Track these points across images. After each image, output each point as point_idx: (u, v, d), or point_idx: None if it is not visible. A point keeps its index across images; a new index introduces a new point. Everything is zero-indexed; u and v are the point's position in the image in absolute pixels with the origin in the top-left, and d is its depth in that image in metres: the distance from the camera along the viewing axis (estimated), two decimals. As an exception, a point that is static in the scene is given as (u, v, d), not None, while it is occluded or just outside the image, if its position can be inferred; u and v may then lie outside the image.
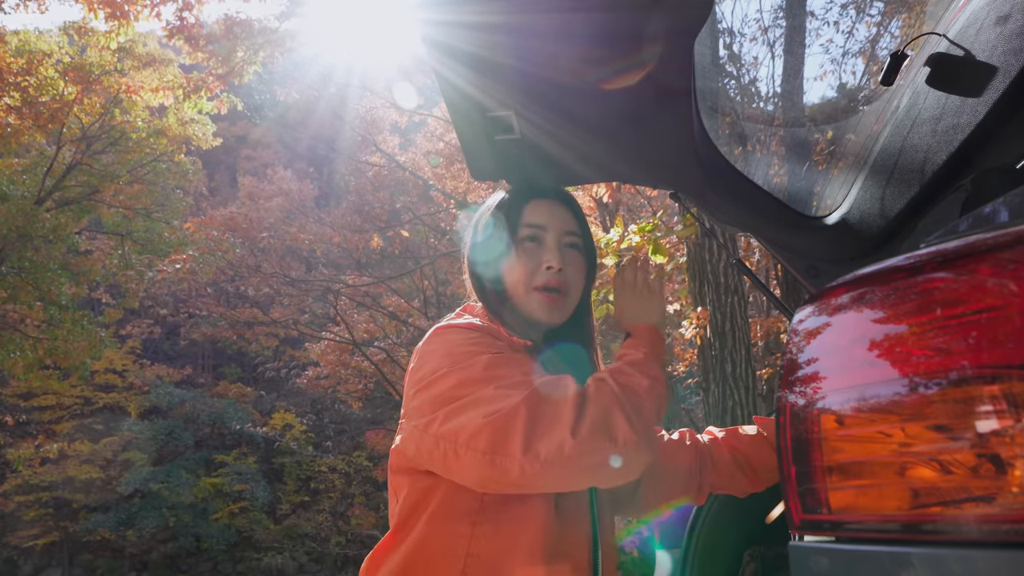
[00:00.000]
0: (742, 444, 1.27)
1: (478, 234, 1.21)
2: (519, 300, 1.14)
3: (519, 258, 1.14)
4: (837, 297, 0.65)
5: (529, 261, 1.13)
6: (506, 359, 0.97)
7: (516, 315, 1.15)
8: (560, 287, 1.13)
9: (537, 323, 1.15)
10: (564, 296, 1.14)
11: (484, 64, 1.05)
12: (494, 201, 1.23)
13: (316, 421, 19.79)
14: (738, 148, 1.75)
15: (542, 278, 1.12)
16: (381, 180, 14.63)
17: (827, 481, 0.62)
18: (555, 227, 1.16)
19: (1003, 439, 0.51)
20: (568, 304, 1.15)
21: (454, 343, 1.00)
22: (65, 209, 12.00)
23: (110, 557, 15.83)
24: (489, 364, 0.95)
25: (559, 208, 1.18)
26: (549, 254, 1.13)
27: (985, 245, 0.55)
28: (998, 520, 0.51)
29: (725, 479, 1.26)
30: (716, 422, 4.72)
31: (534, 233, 1.15)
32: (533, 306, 1.13)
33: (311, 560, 16.82)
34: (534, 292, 1.12)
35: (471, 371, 0.95)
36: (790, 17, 1.91)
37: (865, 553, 0.58)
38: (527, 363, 0.99)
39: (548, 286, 1.12)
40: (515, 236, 1.15)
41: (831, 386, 0.63)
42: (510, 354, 1.00)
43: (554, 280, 1.12)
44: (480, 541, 0.96)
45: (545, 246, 1.15)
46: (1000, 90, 1.01)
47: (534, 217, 1.16)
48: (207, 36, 8.14)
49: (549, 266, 1.12)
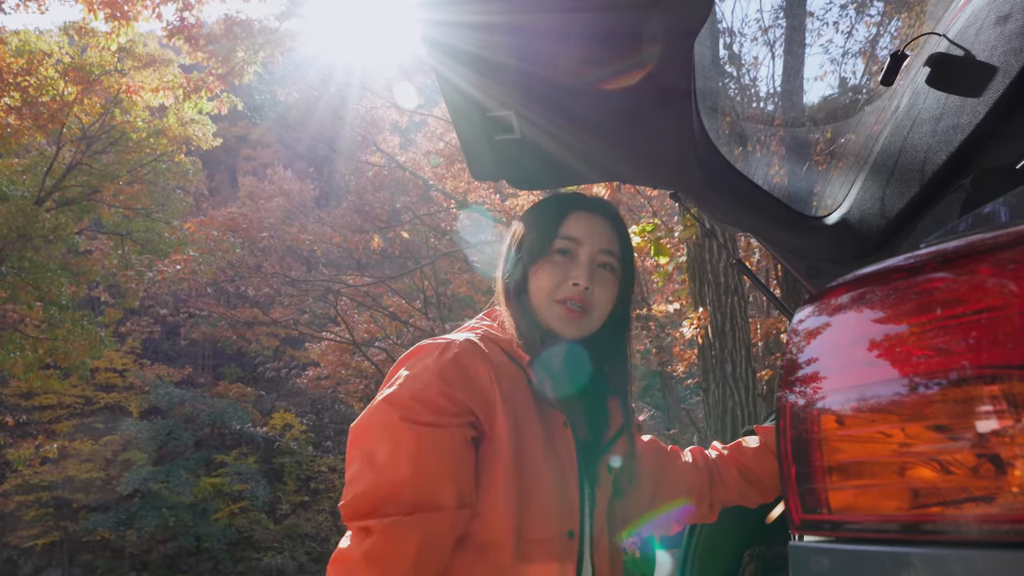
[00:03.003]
0: (747, 459, 1.27)
1: (515, 236, 1.19)
2: (539, 308, 1.11)
3: (547, 268, 1.11)
4: (837, 297, 0.65)
5: (557, 272, 1.10)
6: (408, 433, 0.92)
7: (534, 323, 1.12)
8: (584, 303, 1.10)
9: (554, 334, 1.11)
10: (585, 313, 1.10)
11: (484, 64, 1.05)
12: (540, 204, 1.20)
13: (316, 421, 19.79)
14: (738, 148, 1.75)
15: (566, 292, 1.09)
16: (381, 180, 14.63)
17: (827, 481, 0.62)
18: (592, 243, 1.12)
19: (1003, 439, 0.51)
20: (588, 321, 1.11)
21: (403, 383, 0.96)
22: (65, 209, 12.00)
23: (110, 557, 15.83)
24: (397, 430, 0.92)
25: (601, 225, 1.15)
26: (578, 270, 1.10)
27: (985, 245, 0.55)
28: (998, 520, 0.51)
29: (734, 495, 1.27)
30: (716, 422, 4.72)
31: (568, 246, 1.12)
32: (551, 316, 1.10)
33: (311, 560, 16.82)
34: (556, 304, 1.10)
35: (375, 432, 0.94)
36: (790, 17, 1.91)
37: (865, 553, 0.58)
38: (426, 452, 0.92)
39: (571, 300, 1.09)
40: (550, 245, 1.12)
41: (831, 386, 0.63)
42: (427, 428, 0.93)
43: (578, 296, 1.09)
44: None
45: (577, 261, 1.11)
46: (1000, 90, 1.01)
47: (572, 230, 1.12)
48: (207, 36, 8.14)
49: (576, 282, 1.09)
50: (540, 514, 0.98)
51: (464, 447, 0.95)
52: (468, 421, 0.96)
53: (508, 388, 1.01)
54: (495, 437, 0.97)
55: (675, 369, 9.68)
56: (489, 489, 0.96)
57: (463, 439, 0.95)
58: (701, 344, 4.88)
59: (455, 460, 0.93)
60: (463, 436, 0.95)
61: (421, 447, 0.91)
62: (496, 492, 0.95)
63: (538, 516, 0.97)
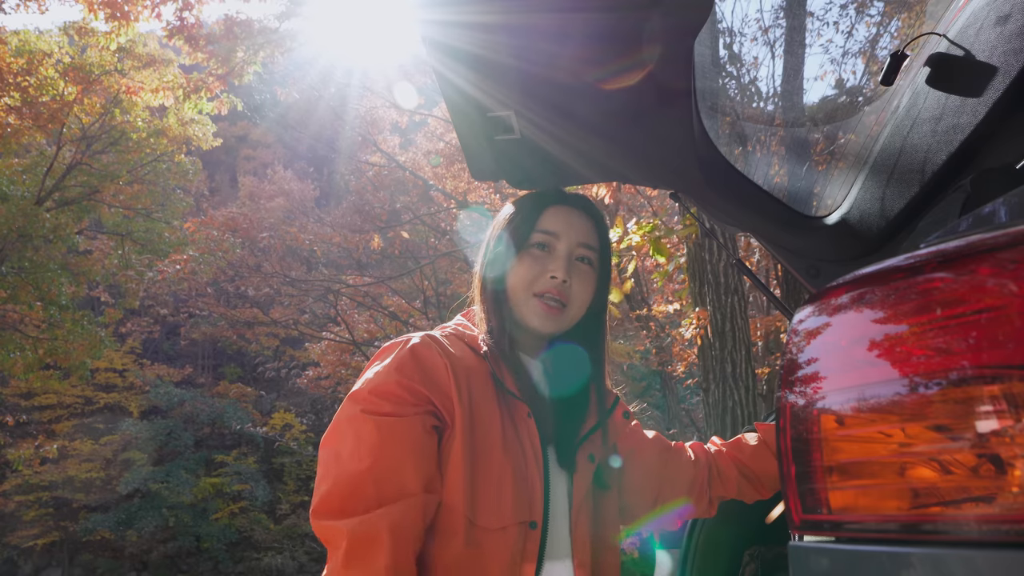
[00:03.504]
0: (746, 456, 1.28)
1: (493, 231, 1.20)
2: (517, 303, 1.12)
3: (525, 262, 1.11)
4: (837, 297, 0.65)
5: (534, 266, 1.11)
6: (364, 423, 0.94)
7: (512, 319, 1.13)
8: (561, 297, 1.10)
9: (531, 329, 1.12)
10: (563, 309, 1.11)
11: (484, 64, 1.05)
12: (519, 200, 1.21)
13: (316, 421, 19.79)
14: (738, 148, 1.75)
15: (543, 286, 1.10)
16: (381, 180, 14.63)
17: (827, 481, 0.62)
18: (569, 237, 1.13)
19: (1003, 439, 0.51)
20: (566, 316, 1.12)
21: (369, 384, 0.98)
22: (65, 209, 12.00)
23: (110, 557, 15.83)
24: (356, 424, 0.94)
25: (579, 218, 1.15)
26: (556, 263, 1.11)
27: (985, 245, 0.55)
28: (998, 520, 0.51)
29: (732, 491, 1.28)
30: (716, 422, 4.72)
31: (545, 240, 1.13)
32: (529, 311, 1.11)
33: (311, 560, 16.83)
34: (533, 298, 1.10)
35: (341, 428, 0.95)
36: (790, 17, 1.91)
37: (865, 553, 0.58)
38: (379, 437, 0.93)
39: (547, 295, 1.10)
40: (527, 239, 1.13)
41: (831, 386, 0.63)
42: (382, 418, 0.94)
43: (555, 290, 1.10)
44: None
45: (554, 254, 1.12)
46: (1000, 90, 1.01)
47: (550, 224, 1.13)
48: (207, 36, 8.14)
49: (553, 276, 1.10)
50: (492, 503, 0.97)
51: (426, 435, 0.96)
52: (428, 410, 0.97)
53: (465, 379, 1.01)
54: (454, 426, 0.98)
55: (675, 369, 9.68)
56: (446, 476, 0.97)
57: (424, 427, 0.96)
58: (701, 344, 4.87)
59: (416, 447, 0.94)
60: (423, 424, 0.96)
61: (382, 437, 0.92)
62: (450, 480, 0.96)
63: (490, 505, 0.97)
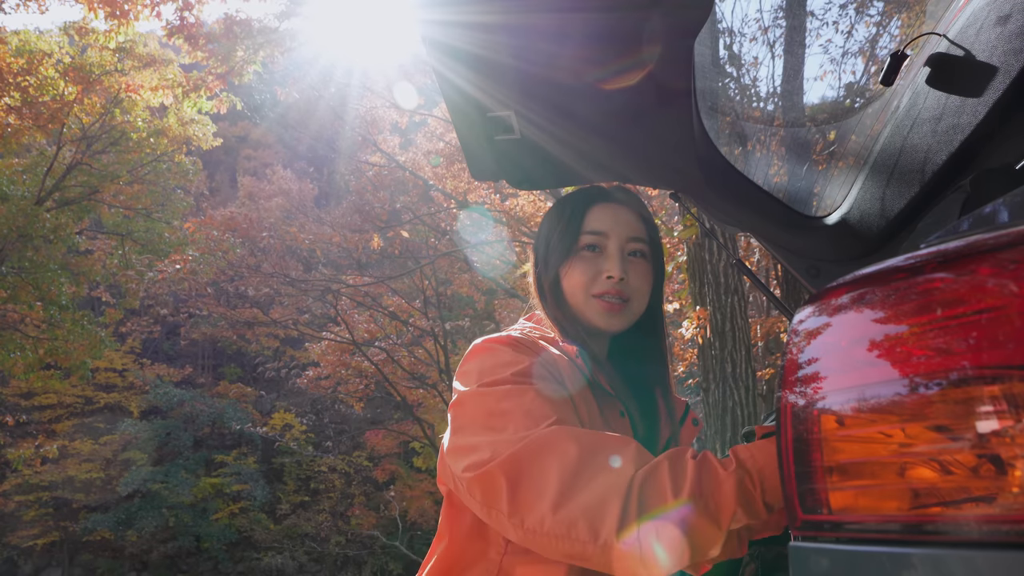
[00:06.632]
0: None
1: (539, 237, 1.18)
2: (578, 306, 1.10)
3: (578, 266, 1.10)
4: (837, 297, 0.65)
5: (588, 269, 1.09)
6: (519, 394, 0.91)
7: (575, 320, 1.11)
8: (621, 295, 1.09)
9: (597, 329, 1.11)
10: (625, 303, 1.10)
11: (484, 64, 1.05)
12: (560, 202, 1.19)
13: (316, 421, 19.81)
14: (738, 148, 1.75)
15: (601, 287, 1.09)
16: (381, 180, 14.62)
17: (827, 481, 0.62)
18: (618, 234, 1.11)
19: (1003, 439, 0.51)
20: (630, 311, 1.11)
21: (482, 369, 0.97)
22: (65, 209, 12.00)
23: (110, 557, 15.84)
24: (502, 398, 0.90)
25: (625, 213, 1.14)
26: (610, 263, 1.09)
27: (985, 245, 0.55)
28: (998, 520, 0.51)
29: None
30: (716, 422, 4.72)
31: (595, 241, 1.11)
32: (592, 312, 1.09)
33: (311, 560, 16.83)
34: (593, 299, 1.09)
35: (478, 409, 0.92)
36: (790, 17, 1.91)
37: (865, 554, 0.58)
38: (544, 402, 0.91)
39: (608, 294, 1.09)
40: (576, 243, 1.11)
41: (831, 386, 0.63)
42: (532, 386, 0.93)
43: (614, 289, 1.09)
44: (511, 559, 0.95)
45: (606, 254, 1.10)
46: (1000, 90, 1.01)
47: (596, 223, 1.12)
48: (207, 36, 8.14)
49: (609, 275, 1.08)
50: None
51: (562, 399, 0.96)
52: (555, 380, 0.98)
53: (569, 373, 1.01)
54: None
55: (675, 369, 9.68)
56: None
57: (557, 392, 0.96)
58: (701, 344, 4.88)
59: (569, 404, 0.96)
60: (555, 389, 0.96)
61: (526, 399, 0.91)
62: None
63: None
